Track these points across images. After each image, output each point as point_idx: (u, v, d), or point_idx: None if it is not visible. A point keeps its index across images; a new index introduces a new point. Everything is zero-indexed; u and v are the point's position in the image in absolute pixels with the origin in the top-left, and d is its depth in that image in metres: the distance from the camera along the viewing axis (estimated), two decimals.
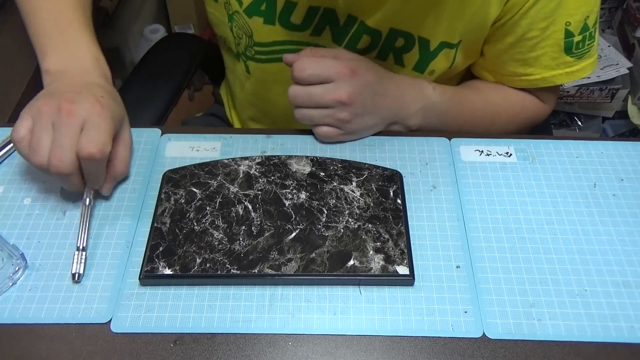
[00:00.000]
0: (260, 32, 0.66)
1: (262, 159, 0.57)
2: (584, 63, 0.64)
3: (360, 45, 0.64)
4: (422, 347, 0.46)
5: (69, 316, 0.47)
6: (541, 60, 0.63)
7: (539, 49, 0.62)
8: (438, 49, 0.63)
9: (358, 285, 0.49)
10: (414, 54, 0.64)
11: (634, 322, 0.47)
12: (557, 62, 0.63)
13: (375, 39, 0.63)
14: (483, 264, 0.51)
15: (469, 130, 0.67)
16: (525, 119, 0.70)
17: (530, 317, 0.47)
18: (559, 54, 0.62)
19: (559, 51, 0.62)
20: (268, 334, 0.46)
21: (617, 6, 1.39)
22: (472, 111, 0.66)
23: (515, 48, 0.63)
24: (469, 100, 0.66)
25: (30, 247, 0.52)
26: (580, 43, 0.61)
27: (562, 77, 0.64)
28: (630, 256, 0.51)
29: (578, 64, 0.63)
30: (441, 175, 0.58)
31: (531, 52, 0.62)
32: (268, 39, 0.67)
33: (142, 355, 0.45)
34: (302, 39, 0.65)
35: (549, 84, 0.65)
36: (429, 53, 0.63)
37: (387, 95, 0.59)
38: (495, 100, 0.68)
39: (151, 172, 0.58)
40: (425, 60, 0.64)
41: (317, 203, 0.53)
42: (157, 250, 0.50)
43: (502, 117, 0.68)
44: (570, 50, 0.62)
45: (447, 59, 0.64)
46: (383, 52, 0.64)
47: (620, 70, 1.22)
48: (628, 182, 0.57)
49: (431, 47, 0.63)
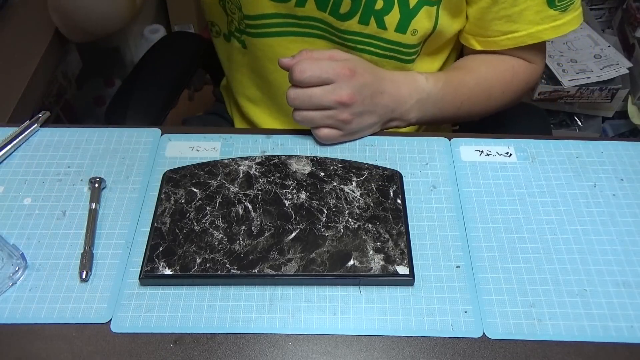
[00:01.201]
0: (247, 5, 0.67)
1: (262, 159, 0.57)
2: (569, 16, 0.64)
3: (343, 10, 0.65)
4: (422, 347, 0.46)
5: (69, 316, 0.47)
6: (525, 15, 0.63)
7: (521, 2, 0.62)
8: (418, 6, 0.63)
9: (358, 285, 0.49)
10: (394, 15, 0.64)
11: (634, 322, 0.47)
12: (542, 15, 0.63)
13: (356, 3, 0.64)
14: (483, 264, 0.51)
15: (468, 110, 0.67)
16: (518, 85, 0.70)
17: (530, 317, 0.47)
18: (542, 7, 0.62)
19: (542, 4, 0.62)
20: (268, 334, 0.46)
21: (617, 6, 1.39)
22: (468, 92, 0.67)
23: (498, 4, 0.63)
24: (462, 82, 0.67)
25: (30, 247, 0.52)
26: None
27: (549, 31, 0.64)
28: (630, 256, 0.51)
29: (563, 17, 0.63)
30: (441, 175, 0.58)
31: (514, 7, 0.63)
32: (256, 11, 0.67)
33: (142, 355, 0.45)
34: (287, 10, 0.66)
35: (536, 40, 0.65)
36: (409, 11, 0.63)
37: (384, 93, 0.60)
38: (486, 75, 0.68)
39: (151, 172, 0.58)
40: (406, 19, 0.64)
41: (317, 203, 0.53)
42: (157, 250, 0.50)
43: (496, 90, 0.69)
44: (553, 2, 0.62)
45: (429, 18, 0.64)
46: (364, 16, 0.65)
47: (620, 70, 1.22)
48: (628, 182, 0.57)
49: (410, 4, 0.63)
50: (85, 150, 0.60)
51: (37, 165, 0.58)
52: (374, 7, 0.64)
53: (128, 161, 0.59)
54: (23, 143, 0.60)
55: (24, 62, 0.77)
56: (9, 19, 0.83)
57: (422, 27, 0.65)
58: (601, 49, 1.27)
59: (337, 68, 0.56)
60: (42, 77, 0.78)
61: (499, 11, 0.64)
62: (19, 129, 0.61)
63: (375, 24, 0.65)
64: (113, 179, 0.57)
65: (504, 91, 0.69)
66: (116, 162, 0.58)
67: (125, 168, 0.58)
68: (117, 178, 0.57)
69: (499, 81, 0.69)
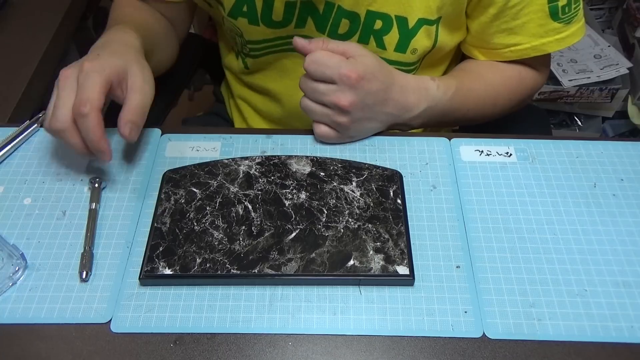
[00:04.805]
0: (248, 32, 0.67)
1: (262, 159, 0.57)
2: (573, 28, 0.63)
3: (341, 31, 0.64)
4: (422, 347, 0.46)
5: (69, 316, 0.47)
6: (528, 28, 0.62)
7: (523, 15, 0.61)
8: (417, 26, 0.62)
9: (358, 285, 0.49)
10: (393, 35, 0.64)
11: (634, 322, 0.47)
12: (545, 29, 0.62)
13: (355, 23, 0.63)
14: (483, 264, 0.51)
15: (473, 116, 0.67)
16: (523, 92, 0.70)
17: (530, 317, 0.47)
18: (545, 20, 0.62)
19: (544, 17, 0.61)
20: (268, 334, 0.46)
21: (617, 6, 1.39)
22: (475, 99, 0.66)
23: (499, 18, 0.62)
24: (471, 90, 0.66)
25: (30, 247, 0.52)
26: (566, 7, 0.61)
27: (553, 44, 0.64)
28: (630, 256, 0.51)
29: (567, 29, 0.63)
30: (441, 175, 0.58)
31: (516, 20, 0.62)
32: (257, 37, 0.68)
33: (142, 355, 0.45)
34: (288, 33, 0.66)
35: (540, 53, 0.64)
36: (408, 31, 0.63)
37: (390, 101, 0.58)
38: (494, 81, 0.68)
39: (151, 172, 0.58)
40: (406, 39, 0.64)
41: (317, 203, 0.53)
42: (157, 250, 0.50)
43: (503, 96, 0.68)
44: (556, 15, 0.61)
45: (429, 37, 0.64)
46: (364, 35, 0.65)
47: (620, 70, 1.22)
48: (628, 182, 0.57)
49: (409, 25, 0.62)
50: None
51: (37, 165, 0.58)
52: (373, 27, 0.63)
53: (128, 161, 0.59)
54: (23, 143, 0.60)
55: (24, 62, 0.77)
56: (9, 19, 0.83)
57: (422, 46, 0.65)
58: (601, 49, 1.27)
59: (345, 69, 0.54)
60: (42, 77, 0.78)
61: (500, 25, 0.63)
62: (19, 129, 0.61)
63: (375, 43, 0.65)
64: (113, 179, 0.57)
65: (510, 98, 0.69)
66: (116, 162, 0.58)
67: (125, 168, 0.58)
68: (117, 178, 0.57)
69: (505, 88, 0.68)
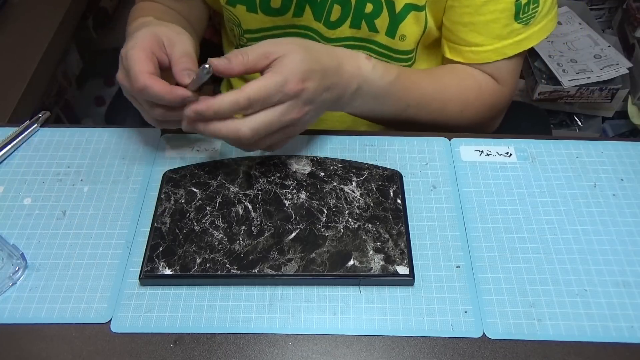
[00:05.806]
0: (246, 20, 0.68)
1: (262, 159, 0.57)
2: (530, 30, 0.62)
3: (333, 17, 0.65)
4: (422, 347, 0.46)
5: (69, 316, 0.47)
6: (492, 29, 0.61)
7: (488, 12, 0.60)
8: (404, 11, 0.62)
9: (358, 285, 0.49)
10: (383, 18, 0.64)
11: (634, 322, 0.47)
12: (508, 30, 0.61)
13: (346, 8, 0.64)
14: (483, 264, 0.51)
15: (414, 115, 0.63)
16: (481, 107, 0.66)
17: (530, 317, 0.47)
18: (510, 20, 0.60)
19: (510, 17, 0.60)
20: (268, 334, 0.46)
21: (617, 6, 1.39)
22: (419, 96, 0.62)
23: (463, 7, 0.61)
24: (416, 84, 0.62)
25: (30, 247, 0.52)
26: (526, 6, 0.60)
27: (512, 46, 0.62)
28: (630, 256, 0.51)
29: (525, 31, 0.62)
30: (441, 175, 0.58)
31: (480, 15, 0.60)
32: (255, 26, 0.68)
33: (142, 355, 0.45)
34: (286, 22, 0.66)
35: (500, 57, 0.63)
36: (396, 15, 0.63)
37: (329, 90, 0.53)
38: (448, 86, 0.64)
39: (151, 172, 0.58)
40: (394, 23, 0.64)
41: (317, 203, 0.53)
42: (157, 250, 0.50)
43: (454, 105, 0.64)
44: (518, 15, 0.60)
45: (418, 23, 0.64)
46: (355, 19, 0.65)
47: (620, 70, 1.22)
48: (628, 182, 0.57)
49: (396, 9, 0.62)
50: (85, 150, 0.60)
51: (37, 165, 0.58)
52: (364, 10, 0.64)
53: (128, 161, 0.59)
54: (23, 143, 0.60)
55: (24, 62, 0.77)
56: (9, 19, 0.83)
57: (411, 32, 0.64)
58: (601, 49, 1.27)
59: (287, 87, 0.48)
60: (42, 77, 0.79)
61: (463, 14, 0.61)
62: (19, 129, 0.61)
63: (367, 27, 0.65)
64: (113, 179, 0.57)
65: (462, 110, 0.65)
66: (116, 162, 0.58)
67: (125, 168, 0.58)
68: (117, 178, 0.57)
69: (459, 98, 0.65)
